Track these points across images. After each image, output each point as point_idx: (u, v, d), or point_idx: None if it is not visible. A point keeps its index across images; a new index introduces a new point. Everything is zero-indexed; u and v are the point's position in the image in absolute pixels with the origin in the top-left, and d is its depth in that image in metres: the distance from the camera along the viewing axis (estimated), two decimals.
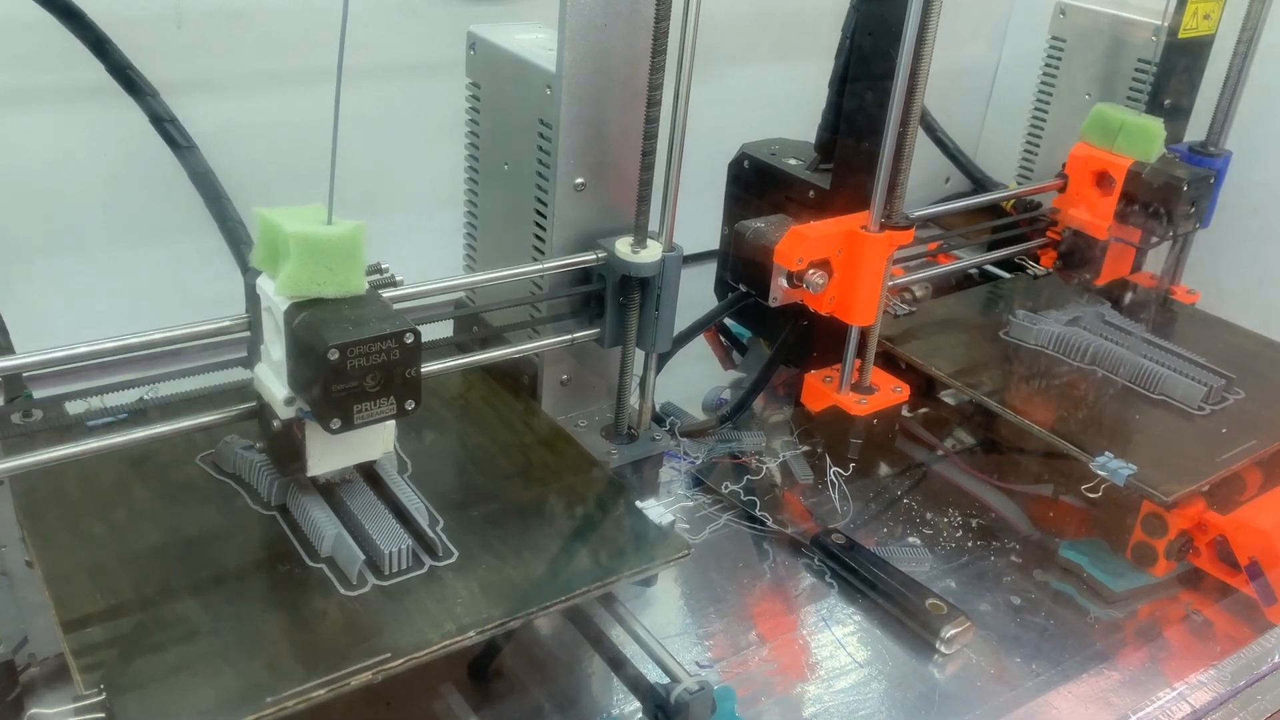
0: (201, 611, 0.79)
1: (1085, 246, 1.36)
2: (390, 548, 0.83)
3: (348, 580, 0.83)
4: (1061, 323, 1.32)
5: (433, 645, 0.78)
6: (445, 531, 0.89)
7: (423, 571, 0.85)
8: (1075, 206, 1.36)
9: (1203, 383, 1.22)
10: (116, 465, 0.92)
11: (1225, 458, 1.13)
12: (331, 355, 0.73)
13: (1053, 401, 1.21)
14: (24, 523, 0.86)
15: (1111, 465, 1.09)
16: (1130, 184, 1.30)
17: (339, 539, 0.85)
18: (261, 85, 1.30)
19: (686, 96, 0.95)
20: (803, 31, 1.67)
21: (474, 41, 1.08)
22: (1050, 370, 1.27)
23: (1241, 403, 1.24)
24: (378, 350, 0.75)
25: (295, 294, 0.77)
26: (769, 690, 0.97)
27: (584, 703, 0.94)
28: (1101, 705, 0.97)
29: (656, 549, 0.90)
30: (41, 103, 1.18)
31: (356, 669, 0.75)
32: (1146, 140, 1.30)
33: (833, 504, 1.20)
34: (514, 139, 1.05)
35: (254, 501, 0.91)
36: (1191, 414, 1.21)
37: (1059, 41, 1.53)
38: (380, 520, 0.86)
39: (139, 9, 1.18)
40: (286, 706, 0.72)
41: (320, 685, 0.73)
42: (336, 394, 0.74)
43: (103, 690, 0.71)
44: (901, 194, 1.11)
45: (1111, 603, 1.10)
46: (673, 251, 1.00)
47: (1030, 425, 1.16)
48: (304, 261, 0.76)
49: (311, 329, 0.75)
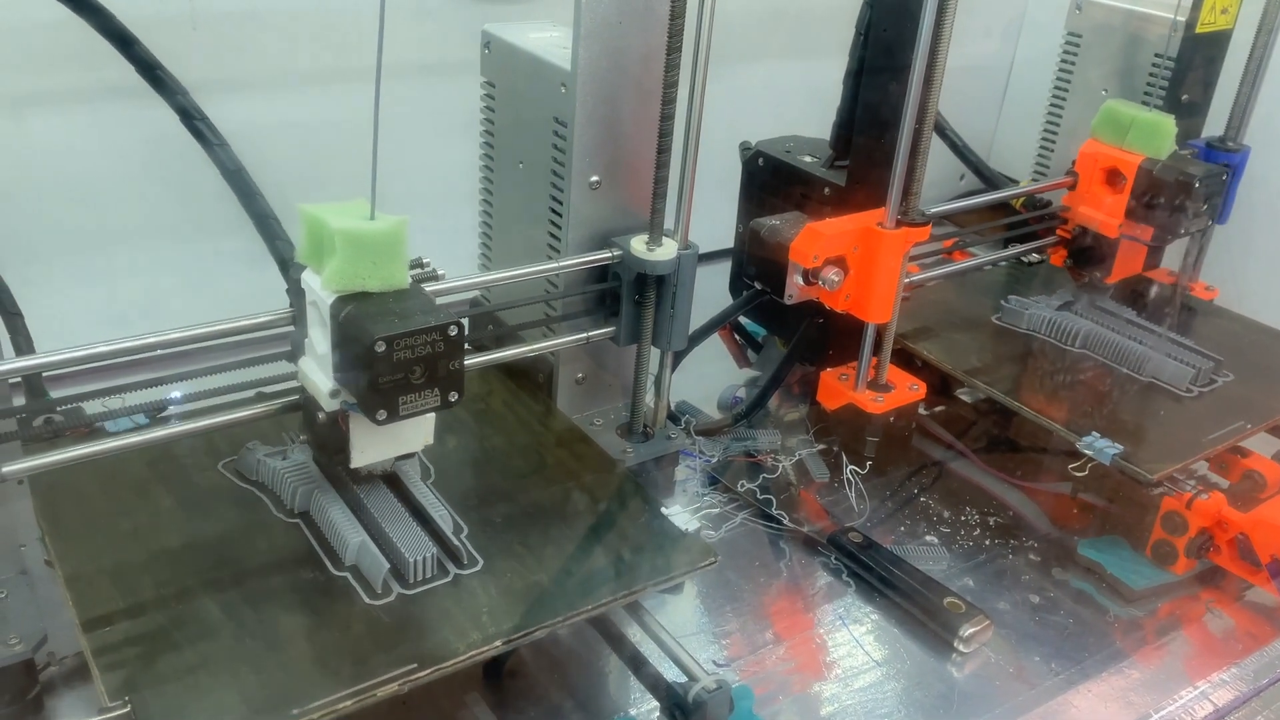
0: (223, 616, 0.79)
1: (1096, 244, 1.34)
2: (415, 556, 0.83)
3: (372, 589, 0.83)
4: (1053, 307, 1.34)
5: (459, 655, 0.77)
6: (469, 539, 0.88)
7: (448, 580, 0.84)
8: (1086, 204, 1.34)
9: (1191, 365, 1.23)
10: (137, 469, 0.92)
11: (1211, 438, 1.14)
12: (378, 348, 0.74)
13: (1042, 384, 1.23)
14: (43, 523, 0.87)
15: (1098, 445, 1.10)
16: (1141, 181, 1.28)
17: (363, 547, 0.85)
18: (276, 85, 1.30)
19: (702, 94, 0.95)
20: (817, 28, 1.67)
21: (489, 40, 1.08)
22: (1040, 353, 1.29)
23: (1230, 385, 1.25)
24: (423, 343, 0.76)
25: (341, 288, 0.78)
26: (786, 689, 0.96)
27: (601, 701, 0.94)
28: (1122, 704, 0.96)
29: (682, 556, 0.89)
30: (63, 103, 1.19)
31: (384, 680, 0.74)
32: (1158, 137, 1.28)
33: (849, 502, 1.20)
34: (529, 137, 1.05)
35: (277, 509, 0.90)
36: (1180, 396, 1.22)
37: (1075, 37, 1.52)
38: (404, 527, 0.86)
39: (154, 10, 1.18)
40: (313, 717, 0.71)
41: (347, 696, 0.73)
42: (383, 386, 0.75)
43: (128, 702, 0.71)
44: (917, 190, 1.11)
45: (1131, 601, 1.09)
46: (688, 249, 1.00)
47: (1019, 407, 1.18)
48: (349, 256, 0.77)
49: (357, 322, 0.76)
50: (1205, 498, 1.07)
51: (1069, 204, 1.36)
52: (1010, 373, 1.25)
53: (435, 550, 0.85)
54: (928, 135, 1.08)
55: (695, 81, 0.95)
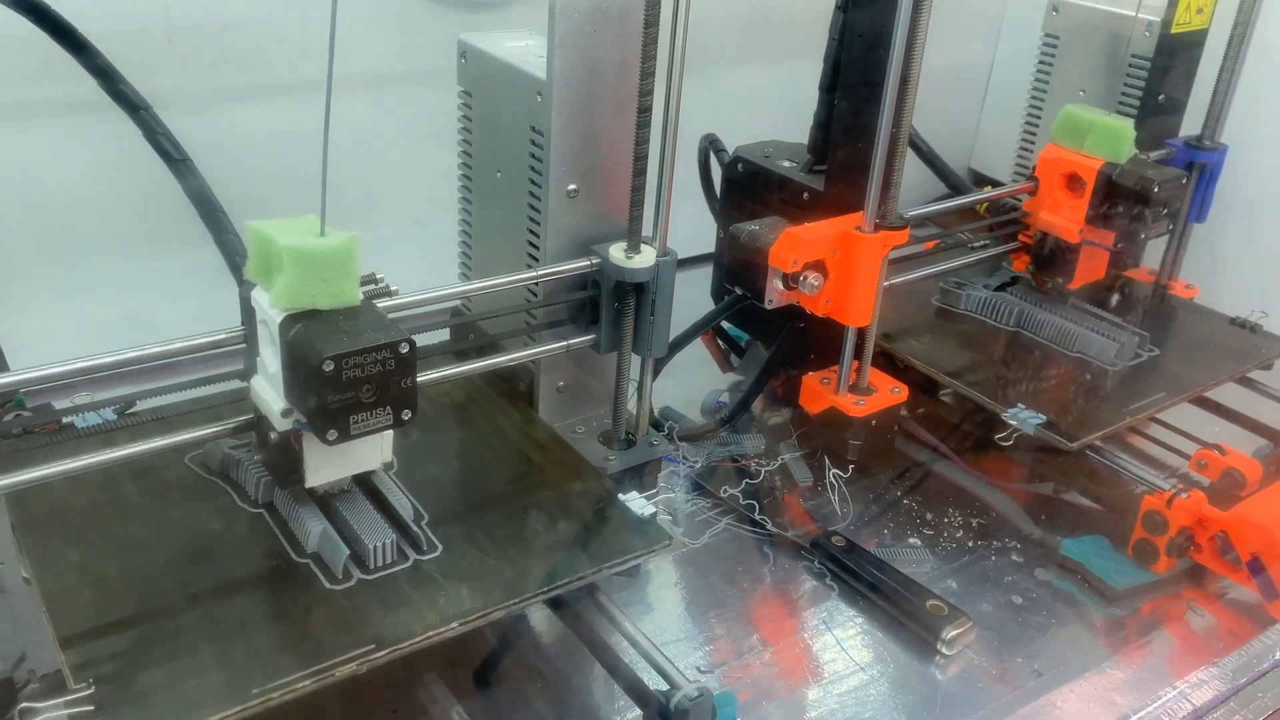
0: (190, 607, 0.81)
1: (1058, 250, 1.34)
2: (374, 542, 0.85)
3: (333, 575, 0.84)
4: (991, 289, 1.38)
5: (416, 636, 0.79)
6: (430, 526, 0.90)
7: (407, 565, 0.86)
8: (1047, 210, 1.33)
9: (1116, 340, 1.28)
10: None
11: (1132, 408, 1.20)
12: (326, 367, 0.73)
13: (974, 361, 1.28)
14: (15, 522, 0.87)
15: (1023, 415, 1.15)
16: (1101, 185, 1.28)
17: (324, 534, 0.86)
18: (254, 96, 1.30)
19: (678, 102, 0.95)
20: (794, 32, 1.67)
21: (465, 50, 1.08)
22: (976, 333, 1.35)
23: (1155, 359, 1.31)
24: (372, 361, 0.75)
25: (289, 306, 0.77)
26: (771, 694, 0.97)
27: (586, 710, 0.94)
28: (1104, 704, 0.97)
29: (638, 540, 0.91)
30: (37, 118, 1.19)
31: (342, 660, 0.76)
32: (1117, 141, 1.28)
33: (833, 506, 1.20)
34: (506, 146, 1.05)
35: (241, 499, 0.92)
36: (1106, 369, 1.27)
37: (1052, 39, 1.52)
38: (365, 515, 0.88)
39: (130, 23, 1.18)
40: (273, 697, 0.73)
41: (306, 676, 0.75)
42: (332, 405, 0.75)
43: (91, 684, 0.72)
44: (895, 194, 1.11)
45: (1113, 600, 1.10)
46: (666, 256, 1.00)
47: (951, 382, 1.24)
48: (297, 274, 0.76)
49: (306, 341, 0.75)
50: (1185, 496, 1.08)
51: (1030, 209, 1.35)
52: (945, 350, 1.30)
53: (395, 537, 0.86)
54: (904, 139, 1.09)
55: (671, 89, 0.95)
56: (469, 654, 0.98)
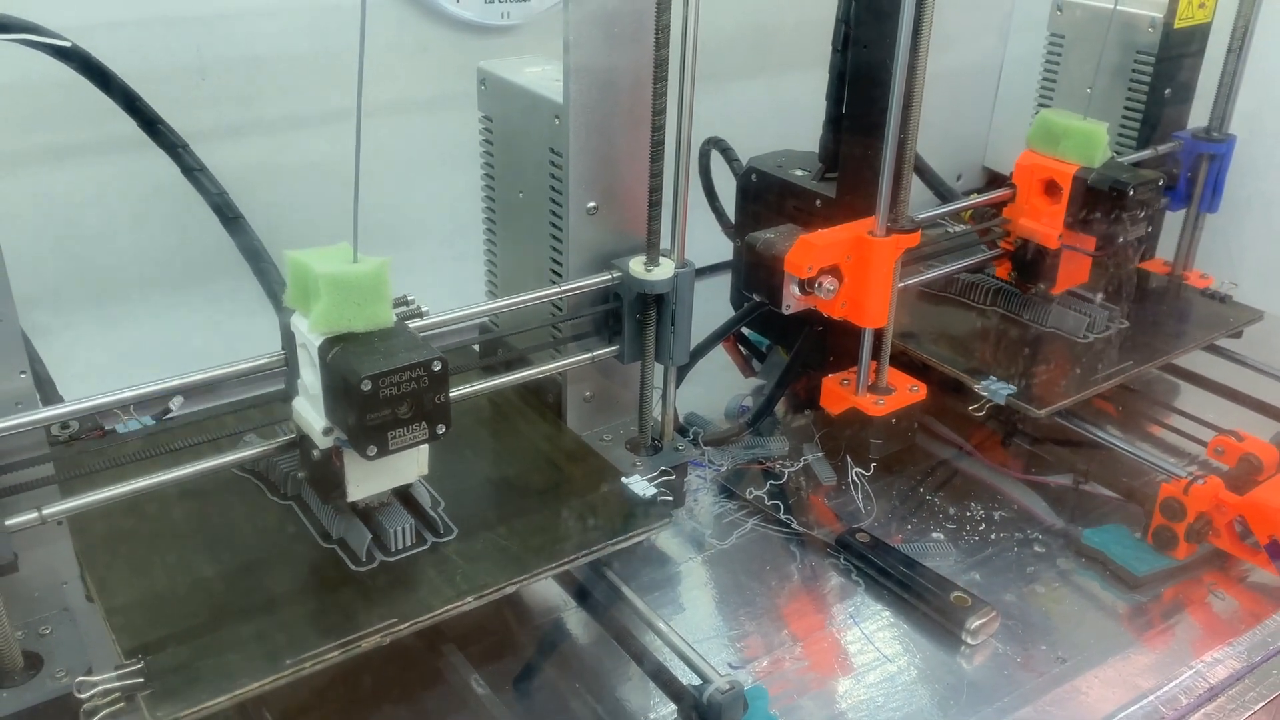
0: (228, 590, 0.88)
1: (1038, 256, 1.34)
2: (394, 526, 0.91)
3: (357, 558, 0.91)
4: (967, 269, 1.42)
5: (435, 610, 0.86)
6: (445, 512, 0.96)
7: (425, 547, 0.93)
8: (1025, 216, 1.33)
9: (1085, 314, 1.33)
10: (145, 465, 0.98)
11: (1098, 377, 1.26)
12: (364, 386, 0.77)
13: (951, 337, 1.34)
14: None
15: (994, 387, 1.21)
16: (1077, 190, 1.27)
17: (348, 521, 0.92)
18: (285, 129, 1.35)
19: (690, 117, 0.99)
20: (804, 43, 1.70)
21: (484, 77, 1.12)
22: (954, 311, 1.40)
23: (1124, 331, 1.36)
24: (407, 379, 0.79)
25: (327, 330, 0.81)
26: (802, 688, 1.00)
27: (622, 707, 0.98)
28: (1128, 688, 0.99)
29: (639, 519, 0.98)
30: (78, 158, 1.24)
31: (368, 632, 0.83)
32: (1090, 145, 1.26)
33: (857, 504, 1.23)
34: (527, 168, 1.09)
35: (271, 493, 0.99)
36: (1076, 342, 1.33)
37: (1058, 38, 1.55)
38: (386, 503, 0.94)
39: (165, 63, 1.23)
40: (304, 667, 0.80)
41: (335, 648, 0.82)
42: (371, 423, 0.79)
43: (141, 658, 0.79)
44: (905, 198, 1.14)
45: (1135, 587, 1.12)
46: (685, 268, 1.03)
47: (927, 357, 1.29)
48: (334, 300, 0.80)
49: (344, 363, 0.79)
50: (1202, 483, 1.10)
51: (1009, 216, 1.35)
52: (923, 329, 1.35)
53: (413, 521, 0.93)
54: (912, 144, 1.12)
55: (683, 105, 0.98)
56: (512, 659, 1.01)
